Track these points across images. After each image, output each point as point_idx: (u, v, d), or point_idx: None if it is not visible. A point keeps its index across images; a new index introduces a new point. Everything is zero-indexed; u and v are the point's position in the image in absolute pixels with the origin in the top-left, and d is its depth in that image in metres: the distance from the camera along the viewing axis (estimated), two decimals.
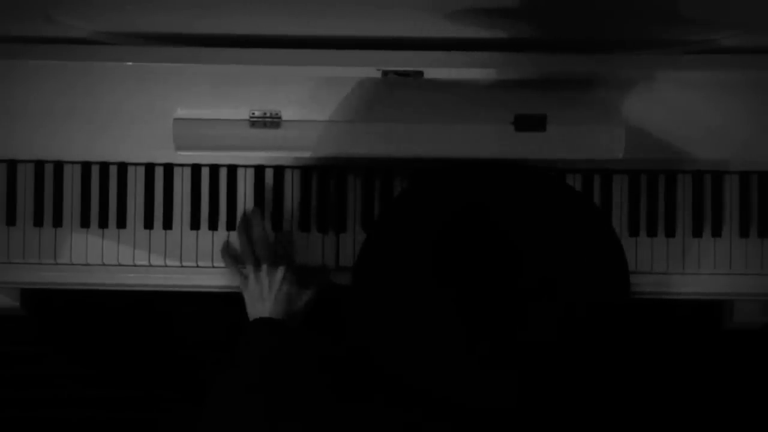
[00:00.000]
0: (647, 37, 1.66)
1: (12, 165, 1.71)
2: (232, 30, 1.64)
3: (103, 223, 1.71)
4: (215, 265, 1.71)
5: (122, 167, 1.71)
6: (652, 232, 1.71)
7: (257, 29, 1.63)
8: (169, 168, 1.72)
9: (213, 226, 1.72)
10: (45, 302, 1.96)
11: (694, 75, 1.66)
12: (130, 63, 1.65)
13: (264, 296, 1.61)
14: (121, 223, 1.71)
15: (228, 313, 1.96)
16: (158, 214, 1.72)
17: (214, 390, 1.45)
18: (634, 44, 1.67)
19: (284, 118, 1.65)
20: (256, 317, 1.61)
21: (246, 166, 1.72)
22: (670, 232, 1.71)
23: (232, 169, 1.72)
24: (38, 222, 1.71)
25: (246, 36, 1.64)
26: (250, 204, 1.71)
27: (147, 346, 1.96)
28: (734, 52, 1.66)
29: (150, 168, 1.71)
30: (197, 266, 1.72)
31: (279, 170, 1.72)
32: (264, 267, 1.63)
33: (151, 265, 1.72)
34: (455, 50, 1.63)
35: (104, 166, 1.71)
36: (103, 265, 1.71)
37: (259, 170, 1.72)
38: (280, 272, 1.62)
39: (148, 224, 1.72)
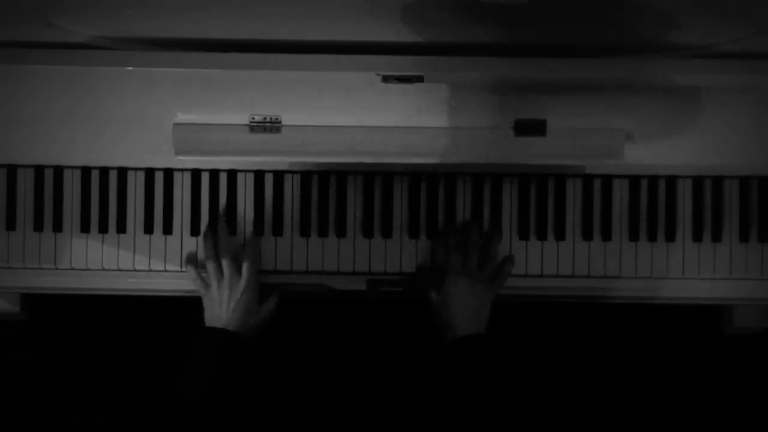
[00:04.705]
0: (647, 42, 1.65)
1: (12, 170, 1.71)
2: (232, 35, 1.64)
3: (103, 228, 1.71)
4: None
5: (122, 172, 1.71)
6: (652, 237, 1.71)
7: (258, 34, 1.63)
8: (169, 173, 1.72)
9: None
10: (45, 307, 1.95)
11: (694, 79, 1.66)
12: (130, 68, 1.64)
13: (222, 303, 1.64)
14: (121, 228, 1.71)
15: None
16: (158, 219, 1.71)
17: (168, 403, 1.58)
18: (634, 48, 1.66)
19: (284, 122, 1.65)
20: (212, 325, 1.64)
21: (246, 171, 1.72)
22: (671, 237, 1.71)
23: (232, 174, 1.72)
24: (38, 227, 1.71)
25: (246, 41, 1.64)
26: (250, 208, 1.71)
27: (147, 351, 1.96)
28: (735, 57, 1.66)
29: (150, 173, 1.71)
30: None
31: (279, 175, 1.72)
32: (226, 274, 1.66)
33: (151, 270, 1.71)
34: (455, 55, 1.63)
35: (104, 171, 1.71)
36: (103, 270, 1.71)
37: (259, 175, 1.72)
38: (242, 281, 1.65)
39: (148, 229, 1.71)
